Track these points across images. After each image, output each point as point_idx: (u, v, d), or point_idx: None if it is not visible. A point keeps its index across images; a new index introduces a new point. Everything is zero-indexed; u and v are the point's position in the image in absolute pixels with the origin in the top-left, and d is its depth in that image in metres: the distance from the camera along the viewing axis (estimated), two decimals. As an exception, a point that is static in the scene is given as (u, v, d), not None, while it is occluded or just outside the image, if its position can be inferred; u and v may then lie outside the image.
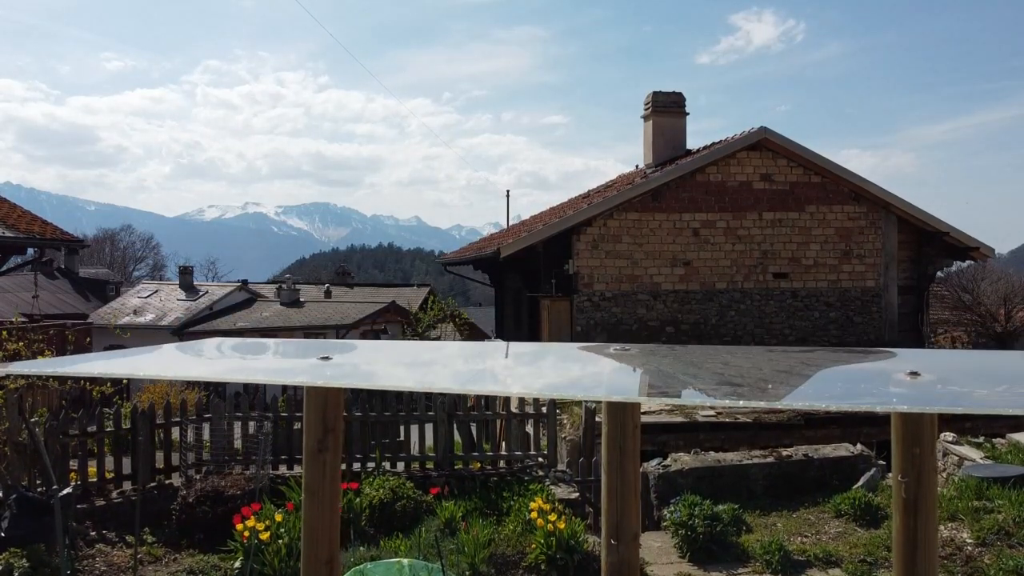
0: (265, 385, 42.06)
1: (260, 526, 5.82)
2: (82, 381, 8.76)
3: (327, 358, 2.50)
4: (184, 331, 36.32)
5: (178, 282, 41.98)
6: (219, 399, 8.77)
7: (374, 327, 36.83)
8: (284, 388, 41.39)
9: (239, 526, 5.86)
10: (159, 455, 8.12)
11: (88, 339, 25.77)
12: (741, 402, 1.79)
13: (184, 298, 39.16)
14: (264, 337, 36.55)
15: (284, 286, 41.08)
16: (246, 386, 41.96)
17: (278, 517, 6.03)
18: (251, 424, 8.42)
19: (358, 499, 6.91)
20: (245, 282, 44.62)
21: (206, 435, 8.21)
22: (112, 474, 7.87)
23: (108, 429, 7.95)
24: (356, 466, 8.13)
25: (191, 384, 29.23)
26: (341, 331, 35.51)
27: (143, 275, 64.43)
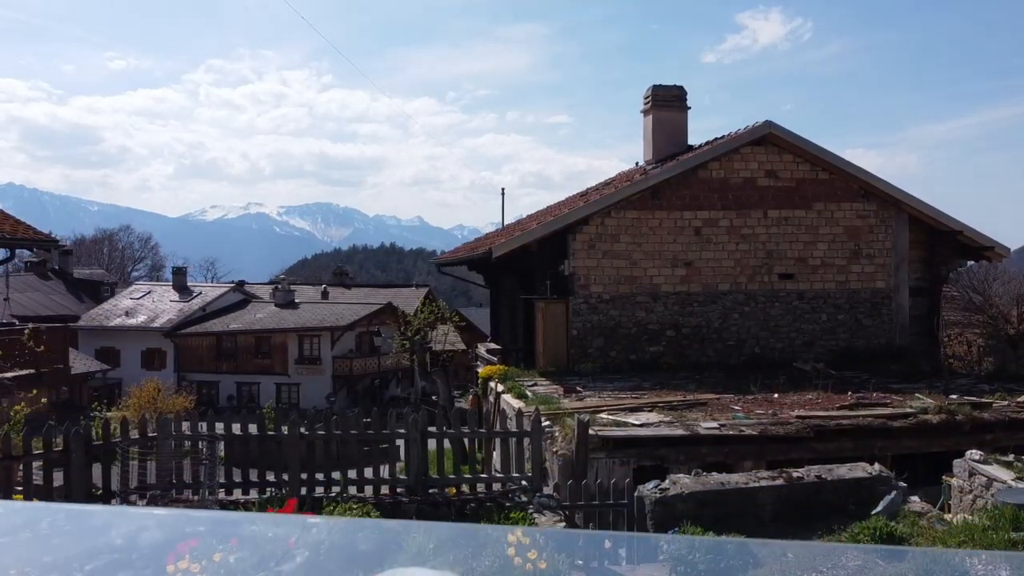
0: (259, 386, 40.85)
1: (195, 567, 5.06)
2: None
3: None
4: (176, 332, 35.62)
5: (172, 283, 41.35)
6: (210, 407, 8.07)
7: (369, 328, 36.10)
8: (279, 393, 40.41)
9: (170, 567, 5.12)
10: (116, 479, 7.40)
11: (71, 342, 25.00)
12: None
13: (177, 299, 38.50)
14: (257, 338, 35.73)
15: (279, 287, 40.38)
16: (239, 387, 41.09)
17: (216, 557, 5.28)
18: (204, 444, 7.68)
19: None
20: (241, 283, 43.95)
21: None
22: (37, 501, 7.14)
23: (37, 452, 7.17)
24: (319, 490, 7.39)
25: (180, 388, 28.56)
26: (336, 332, 34.78)
27: (142, 276, 63.93)
